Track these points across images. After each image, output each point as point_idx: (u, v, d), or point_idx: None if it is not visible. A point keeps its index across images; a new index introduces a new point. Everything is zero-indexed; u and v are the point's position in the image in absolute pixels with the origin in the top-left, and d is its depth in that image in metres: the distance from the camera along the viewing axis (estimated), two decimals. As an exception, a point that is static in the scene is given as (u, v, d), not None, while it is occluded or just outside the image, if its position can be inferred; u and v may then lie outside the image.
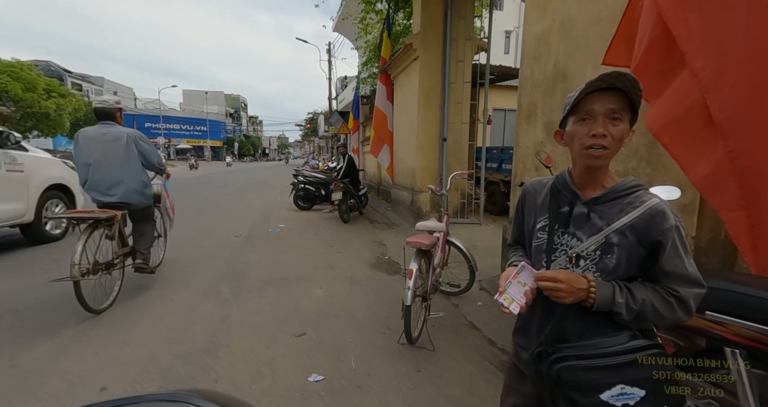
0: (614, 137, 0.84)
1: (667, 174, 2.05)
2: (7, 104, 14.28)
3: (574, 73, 2.61)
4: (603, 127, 0.84)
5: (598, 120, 0.84)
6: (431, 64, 5.89)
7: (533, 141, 3.12)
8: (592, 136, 0.84)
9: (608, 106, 0.84)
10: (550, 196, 0.99)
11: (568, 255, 0.91)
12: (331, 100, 20.83)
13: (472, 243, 4.18)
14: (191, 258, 4.33)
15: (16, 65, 14.83)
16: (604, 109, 0.84)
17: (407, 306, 2.27)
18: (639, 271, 0.88)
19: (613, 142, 0.84)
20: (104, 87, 39.28)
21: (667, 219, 0.83)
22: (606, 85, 0.83)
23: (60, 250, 4.33)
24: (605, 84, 0.83)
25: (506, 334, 2.51)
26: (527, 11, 3.14)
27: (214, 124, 45.56)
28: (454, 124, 6.03)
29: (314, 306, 3.08)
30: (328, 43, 19.57)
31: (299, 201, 8.24)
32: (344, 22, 12.35)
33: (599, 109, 0.84)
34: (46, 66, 29.45)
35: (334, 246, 5.07)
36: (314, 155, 33.17)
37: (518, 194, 3.62)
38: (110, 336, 2.45)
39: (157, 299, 3.09)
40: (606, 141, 0.84)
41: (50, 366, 2.10)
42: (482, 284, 3.51)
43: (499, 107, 9.36)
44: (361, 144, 13.74)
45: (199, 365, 2.16)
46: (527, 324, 1.01)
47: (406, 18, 7.96)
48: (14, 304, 2.89)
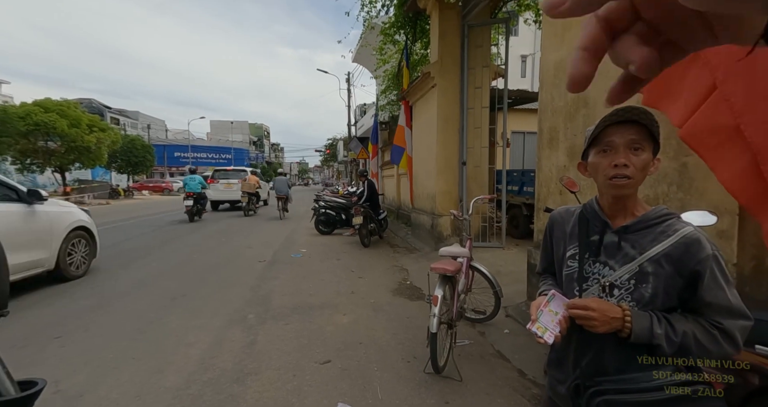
0: (636, 166, 0.85)
1: (701, 198, 1.99)
2: (54, 139, 15.48)
3: (596, 99, 2.63)
4: (624, 157, 0.85)
5: (619, 150, 0.86)
6: (449, 91, 6.05)
7: (556, 165, 3.12)
8: (614, 167, 0.86)
9: (628, 136, 0.85)
10: (578, 224, 0.99)
11: (601, 285, 0.90)
12: (350, 126, 21.46)
13: (495, 268, 4.11)
14: (219, 284, 4.44)
15: (63, 104, 16.17)
16: (624, 140, 0.85)
17: (433, 333, 2.24)
18: (678, 302, 0.86)
19: (636, 171, 0.85)
20: (139, 120, 42.01)
21: (703, 248, 0.82)
22: (622, 118, 0.85)
23: (77, 287, 4.52)
24: (621, 118, 0.85)
25: (537, 365, 2.41)
26: (545, 40, 3.23)
27: (238, 151, 47.48)
28: (474, 148, 6.09)
29: (338, 332, 3.07)
30: (348, 73, 20.45)
31: (320, 225, 8.36)
32: (363, 52, 12.93)
33: (619, 141, 0.86)
34: (89, 103, 31.92)
35: (356, 272, 5.08)
36: (333, 180, 33.76)
37: (542, 219, 3.55)
38: (145, 363, 2.52)
39: (188, 326, 3.17)
40: (629, 171, 0.85)
41: (90, 391, 2.18)
42: (508, 311, 3.41)
43: (517, 130, 9.38)
44: (380, 168, 13.96)
45: (228, 393, 2.18)
46: (562, 356, 0.99)
47: (423, 48, 8.26)
48: (59, 330, 3.04)
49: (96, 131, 16.86)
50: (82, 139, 15.84)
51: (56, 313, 3.41)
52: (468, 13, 5.71)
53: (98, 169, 22.20)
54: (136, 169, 24.32)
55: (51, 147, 15.62)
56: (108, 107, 37.13)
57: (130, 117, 41.52)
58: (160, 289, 4.19)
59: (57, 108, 15.52)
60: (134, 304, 3.69)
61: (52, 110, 15.25)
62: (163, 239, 7.57)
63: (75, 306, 3.63)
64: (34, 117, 14.49)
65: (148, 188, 26.92)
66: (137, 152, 23.28)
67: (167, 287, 4.28)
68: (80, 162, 16.99)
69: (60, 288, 4.17)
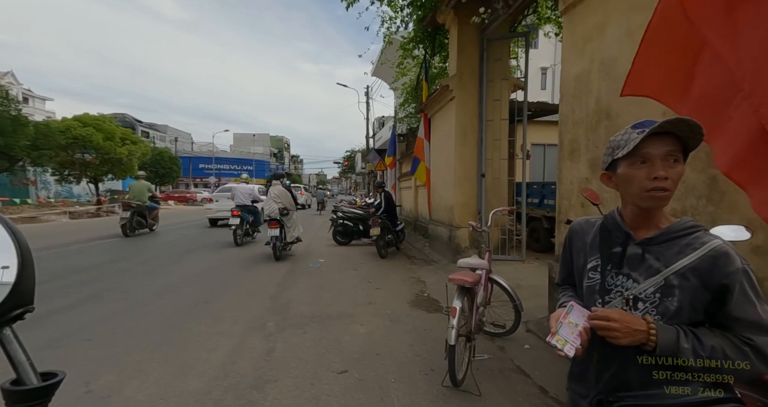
0: (674, 179, 0.84)
1: (733, 213, 1.91)
2: (90, 152, 16.44)
3: (619, 110, 2.60)
4: (663, 170, 0.83)
5: (656, 163, 0.84)
6: (468, 104, 6.08)
7: (577, 177, 3.07)
8: (653, 179, 0.83)
9: (665, 148, 0.83)
10: (600, 235, 0.98)
11: (625, 297, 0.89)
12: (368, 138, 21.78)
13: (515, 281, 4.03)
14: (239, 292, 4.54)
15: (99, 118, 17.22)
16: (661, 152, 0.83)
17: (451, 345, 2.21)
18: (705, 317, 0.84)
19: (673, 183, 0.84)
20: (167, 133, 43.99)
21: (732, 261, 0.80)
22: (661, 130, 0.83)
23: (107, 292, 4.71)
24: (661, 129, 0.82)
25: (559, 382, 2.34)
26: (564, 53, 3.24)
27: (259, 163, 48.77)
28: (493, 160, 6.06)
29: (355, 343, 3.07)
30: (366, 87, 20.91)
31: (338, 236, 8.44)
32: (382, 67, 13.20)
33: (656, 152, 0.84)
34: (122, 117, 33.78)
35: (373, 283, 5.08)
36: (350, 191, 34.13)
37: (563, 232, 3.49)
38: (169, 367, 2.60)
39: (210, 332, 3.25)
40: (667, 183, 0.83)
41: (118, 392, 2.26)
42: (529, 326, 3.33)
43: (537, 142, 9.30)
44: (398, 180, 14.03)
45: (248, 399, 2.21)
46: (584, 370, 0.97)
47: (441, 61, 8.37)
48: (89, 333, 3.18)
49: (128, 144, 17.79)
50: (115, 151, 16.73)
51: (87, 317, 3.57)
52: (487, 27, 5.78)
53: (128, 179, 23.29)
54: (164, 180, 25.38)
55: (87, 159, 16.56)
56: (139, 121, 39.14)
57: (159, 130, 43.55)
58: (183, 296, 4.32)
59: (93, 122, 16.52)
60: (159, 310, 3.82)
61: (89, 124, 16.23)
62: (185, 249, 7.81)
63: (104, 310, 3.78)
64: (73, 131, 15.46)
65: (174, 198, 27.91)
66: (165, 164, 24.34)
67: (190, 294, 4.41)
68: (113, 173, 17.91)
69: (90, 293, 4.36)
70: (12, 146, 12.77)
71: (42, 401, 0.47)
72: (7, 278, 0.49)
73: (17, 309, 0.49)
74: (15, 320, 0.49)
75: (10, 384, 0.46)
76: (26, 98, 30.08)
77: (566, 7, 3.12)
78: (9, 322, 0.49)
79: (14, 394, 0.46)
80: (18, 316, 0.49)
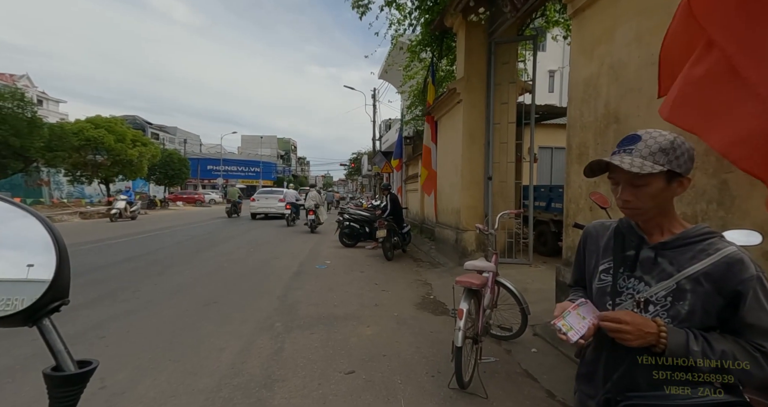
0: (641, 199, 0.86)
1: (745, 217, 1.90)
2: (101, 153, 16.74)
3: (628, 113, 2.60)
4: (625, 194, 0.87)
5: (622, 186, 0.88)
6: (475, 107, 6.09)
7: (585, 181, 3.07)
8: (619, 199, 0.89)
9: (627, 174, 0.85)
10: (614, 238, 0.99)
11: (636, 300, 0.89)
12: (375, 140, 21.83)
13: (522, 285, 4.02)
14: (248, 293, 4.60)
15: (111, 120, 17.52)
16: (627, 176, 0.86)
17: (458, 347, 2.22)
18: (717, 322, 0.84)
19: (640, 203, 0.86)
20: (176, 135, 44.57)
21: (746, 268, 0.80)
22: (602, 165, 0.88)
23: (120, 292, 4.79)
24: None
25: (567, 386, 2.33)
26: (573, 56, 3.24)
27: (266, 165, 49.17)
28: (500, 163, 6.06)
29: (362, 344, 3.09)
30: (373, 89, 20.97)
31: (344, 238, 8.48)
32: (389, 70, 13.27)
33: (619, 177, 0.88)
34: (133, 119, 34.30)
35: (380, 285, 5.10)
36: (357, 193, 34.23)
37: (571, 235, 3.47)
38: (180, 365, 2.65)
39: (220, 332, 3.30)
40: (632, 204, 0.87)
41: (131, 389, 2.31)
42: (536, 329, 3.32)
43: (545, 145, 9.24)
44: (404, 182, 14.05)
45: (257, 398, 2.25)
46: (592, 370, 0.98)
47: (449, 64, 8.39)
48: (103, 331, 3.24)
49: (138, 145, 18.07)
50: (126, 152, 17.01)
51: (101, 315, 3.64)
52: (495, 30, 5.80)
53: (138, 180, 23.63)
54: (173, 181, 25.68)
55: (98, 160, 16.85)
56: (149, 123, 39.72)
57: (169, 132, 44.13)
58: (194, 296, 4.39)
59: (105, 124, 16.82)
60: (170, 309, 3.89)
61: (101, 126, 16.53)
62: (196, 248, 7.92)
63: (117, 309, 3.86)
64: (85, 132, 15.75)
65: (182, 199, 28.26)
66: (174, 165, 24.63)
67: (200, 294, 4.47)
68: (123, 174, 18.20)
69: (104, 292, 4.44)
70: (28, 147, 13.03)
71: (79, 387, 0.50)
72: (48, 274, 0.52)
73: (55, 302, 0.53)
74: (53, 312, 0.53)
75: (51, 370, 0.50)
76: (40, 100, 30.70)
77: (575, 11, 3.13)
78: (48, 314, 0.52)
79: (55, 379, 0.49)
80: (56, 308, 0.53)
